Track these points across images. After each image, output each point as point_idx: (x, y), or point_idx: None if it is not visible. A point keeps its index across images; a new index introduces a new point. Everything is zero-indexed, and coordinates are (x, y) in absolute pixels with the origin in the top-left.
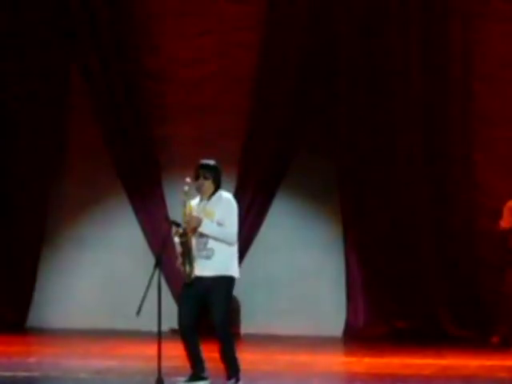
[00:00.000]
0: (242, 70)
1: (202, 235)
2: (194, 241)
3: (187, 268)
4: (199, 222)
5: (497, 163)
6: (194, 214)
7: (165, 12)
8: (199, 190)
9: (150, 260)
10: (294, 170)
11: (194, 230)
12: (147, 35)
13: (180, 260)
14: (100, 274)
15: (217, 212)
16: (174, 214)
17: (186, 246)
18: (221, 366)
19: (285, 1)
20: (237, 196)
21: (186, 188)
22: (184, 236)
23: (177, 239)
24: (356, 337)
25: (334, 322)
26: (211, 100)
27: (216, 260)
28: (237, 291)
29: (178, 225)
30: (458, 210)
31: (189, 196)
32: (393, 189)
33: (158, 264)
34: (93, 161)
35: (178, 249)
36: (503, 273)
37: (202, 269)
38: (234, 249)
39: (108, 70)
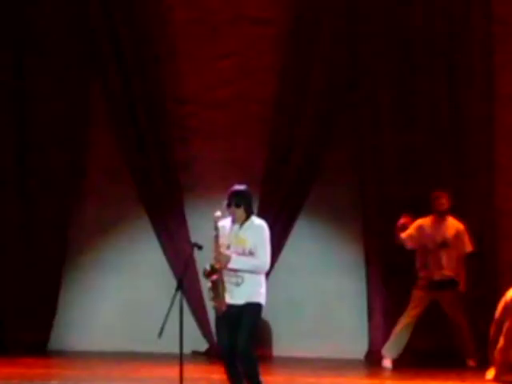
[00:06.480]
0: (265, 93)
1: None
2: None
3: (218, 303)
4: (228, 259)
5: None
6: (223, 251)
7: (188, 34)
8: (232, 218)
9: (172, 283)
10: (317, 193)
11: (224, 266)
12: (170, 58)
13: (211, 295)
14: (121, 297)
15: (249, 239)
16: (197, 236)
17: (216, 282)
18: None
19: (307, 23)
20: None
21: (217, 222)
22: (214, 273)
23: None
24: (378, 360)
25: (356, 345)
26: (234, 122)
27: (245, 287)
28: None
29: (200, 247)
30: (482, 235)
31: (219, 231)
32: (416, 211)
33: (180, 287)
34: (114, 183)
35: (208, 284)
36: None
37: (232, 296)
38: (263, 275)
39: (130, 92)
